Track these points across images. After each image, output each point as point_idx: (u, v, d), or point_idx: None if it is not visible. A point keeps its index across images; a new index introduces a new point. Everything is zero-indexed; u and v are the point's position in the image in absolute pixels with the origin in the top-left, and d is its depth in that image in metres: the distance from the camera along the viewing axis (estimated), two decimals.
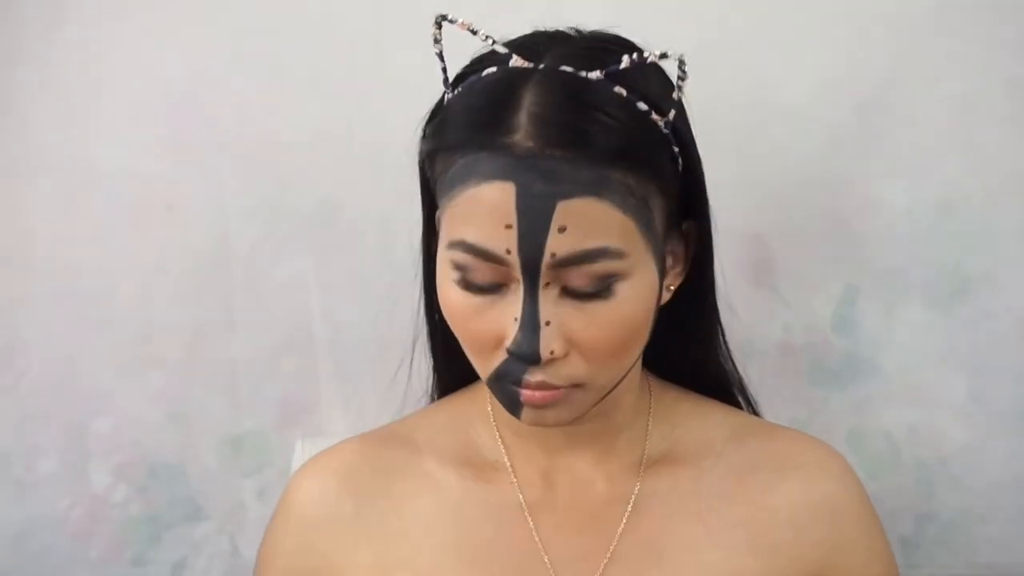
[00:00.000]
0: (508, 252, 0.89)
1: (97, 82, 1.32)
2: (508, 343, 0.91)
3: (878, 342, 1.32)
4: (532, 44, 0.95)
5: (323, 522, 1.04)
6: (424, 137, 0.97)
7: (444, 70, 0.96)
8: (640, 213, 0.91)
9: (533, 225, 0.88)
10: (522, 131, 0.89)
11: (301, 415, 1.35)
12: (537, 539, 1.01)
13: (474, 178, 0.89)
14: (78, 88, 1.31)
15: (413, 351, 1.11)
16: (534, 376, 0.91)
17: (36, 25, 1.31)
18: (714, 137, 1.28)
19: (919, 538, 1.33)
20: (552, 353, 0.90)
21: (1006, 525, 1.32)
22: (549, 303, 0.90)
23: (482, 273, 0.91)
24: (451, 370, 1.08)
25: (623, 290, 0.91)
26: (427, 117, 0.98)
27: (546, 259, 0.88)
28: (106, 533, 1.36)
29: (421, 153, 0.98)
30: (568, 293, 0.91)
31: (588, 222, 0.89)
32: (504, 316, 0.91)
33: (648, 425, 1.05)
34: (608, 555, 1.00)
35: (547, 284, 0.90)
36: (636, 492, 1.02)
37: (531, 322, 0.90)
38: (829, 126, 1.29)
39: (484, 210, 0.89)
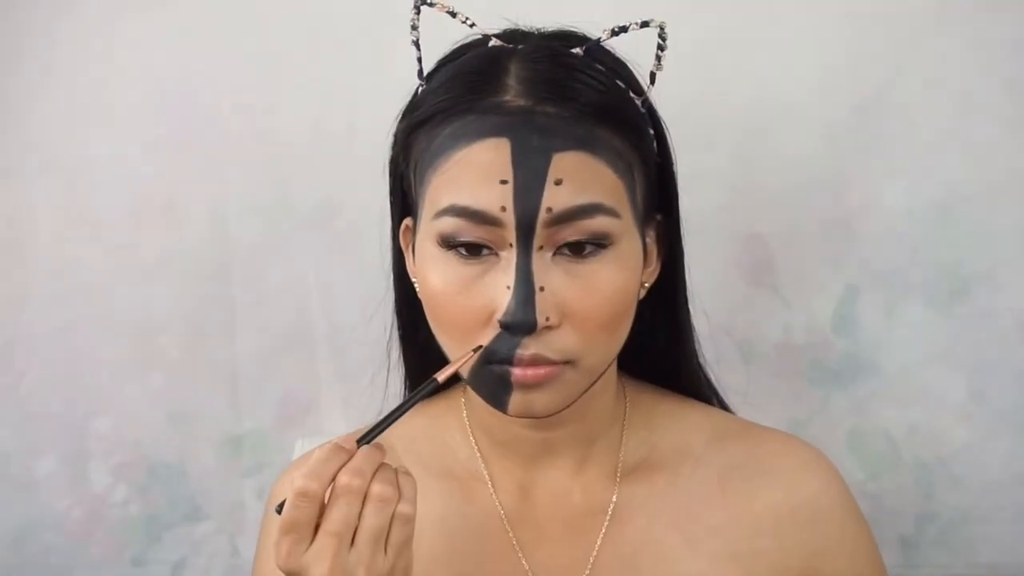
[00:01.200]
0: (503, 210, 0.88)
1: (97, 82, 1.32)
2: (500, 315, 0.88)
3: (878, 342, 1.32)
4: (508, 34, 0.96)
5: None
6: (400, 120, 0.96)
7: (419, 60, 0.96)
8: (627, 178, 0.92)
9: (529, 179, 0.87)
10: (512, 91, 0.90)
11: (301, 415, 1.35)
12: (519, 551, 1.00)
13: (464, 140, 0.89)
14: (78, 88, 1.32)
15: (389, 357, 1.10)
16: (527, 349, 0.89)
17: (36, 25, 1.31)
18: (714, 137, 1.28)
19: (919, 538, 1.33)
20: (547, 320, 0.88)
21: (1006, 525, 1.32)
22: (542, 268, 0.89)
23: (473, 237, 0.89)
24: (425, 377, 1.07)
25: (614, 257, 0.90)
26: (399, 115, 0.97)
27: (542, 214, 0.87)
28: (106, 533, 1.36)
29: (395, 144, 0.97)
30: (562, 255, 0.89)
31: (583, 176, 0.88)
32: (495, 287, 0.89)
33: (623, 432, 1.03)
34: (589, 567, 0.99)
35: (540, 247, 0.89)
36: (614, 502, 1.01)
37: (525, 288, 0.88)
38: (829, 126, 1.29)
39: (477, 169, 0.88)
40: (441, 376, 0.91)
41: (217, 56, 1.32)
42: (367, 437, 0.88)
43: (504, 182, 0.87)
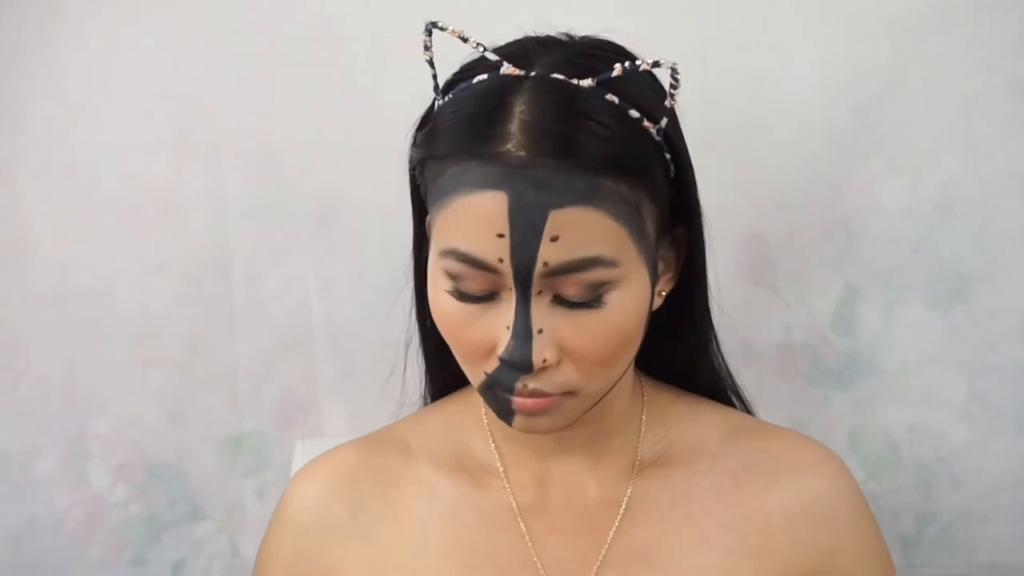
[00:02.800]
0: (500, 261, 0.88)
1: (97, 82, 1.32)
2: (500, 351, 0.90)
3: (878, 342, 1.32)
4: (522, 51, 0.94)
5: (320, 528, 1.04)
6: (414, 145, 0.96)
7: (434, 77, 0.95)
8: (632, 221, 0.91)
9: (525, 234, 0.87)
10: (514, 140, 0.88)
11: (301, 415, 1.35)
12: (529, 543, 1.01)
13: (464, 187, 0.89)
14: (78, 88, 1.32)
15: (406, 355, 1.10)
16: (526, 384, 0.91)
17: (35, 24, 1.31)
18: (714, 137, 1.28)
19: (919, 538, 1.33)
20: (544, 361, 0.90)
21: (1006, 525, 1.32)
22: (541, 311, 0.90)
23: (475, 282, 0.90)
24: (444, 373, 1.08)
25: (615, 299, 0.91)
26: (417, 123, 0.97)
27: (538, 268, 0.88)
28: (106, 533, 1.36)
29: (412, 160, 0.97)
30: (560, 301, 0.90)
31: (580, 231, 0.88)
32: (496, 324, 0.91)
33: (641, 428, 1.04)
34: (600, 559, 1.00)
35: (539, 292, 0.90)
36: (628, 495, 1.02)
37: (523, 330, 0.89)
38: (829, 126, 1.29)
39: (475, 219, 0.89)
40: None
41: (217, 57, 1.32)
42: None
43: (501, 236, 0.88)
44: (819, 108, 1.29)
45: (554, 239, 0.88)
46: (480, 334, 0.92)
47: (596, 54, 0.94)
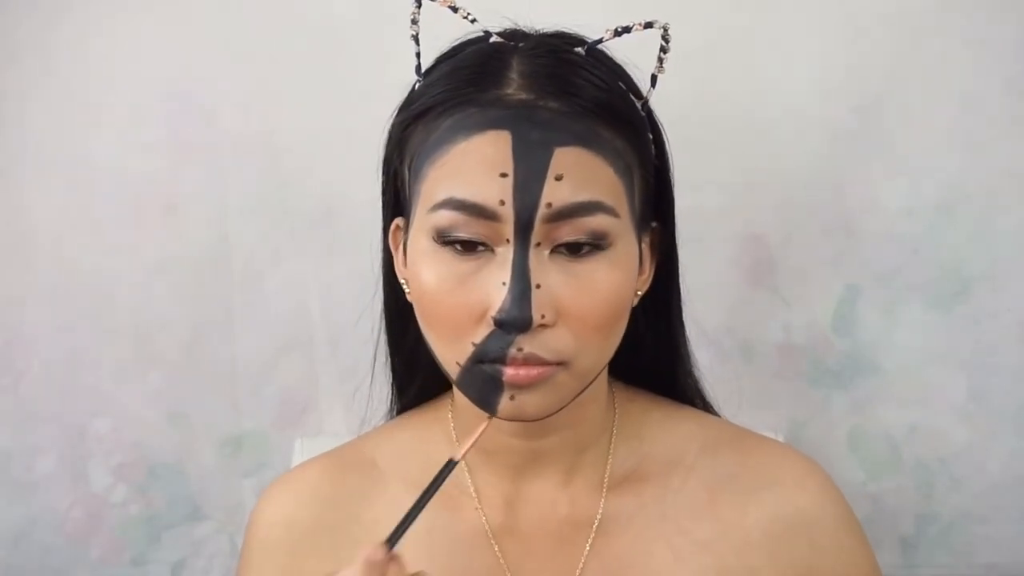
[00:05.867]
0: (502, 203, 0.86)
1: (97, 81, 1.32)
2: (494, 311, 0.87)
3: (878, 342, 1.32)
4: (509, 33, 0.95)
5: (304, 546, 1.01)
6: (397, 114, 0.95)
7: (418, 55, 0.95)
8: (627, 179, 0.91)
9: (530, 172, 0.86)
10: (514, 84, 0.89)
11: (300, 415, 1.35)
12: (505, 566, 0.98)
13: (463, 133, 0.88)
14: (78, 88, 1.32)
15: (375, 363, 1.09)
16: (520, 348, 0.87)
17: (35, 24, 1.31)
18: (714, 137, 1.28)
19: (919, 538, 1.33)
20: (543, 318, 0.86)
21: (1006, 525, 1.32)
22: (539, 265, 0.87)
23: (469, 233, 0.88)
24: (412, 383, 1.06)
25: (611, 257, 0.89)
26: (394, 112, 0.97)
27: (541, 210, 0.86)
28: (106, 533, 1.36)
29: (389, 140, 0.96)
30: (558, 254, 0.88)
31: (583, 173, 0.87)
32: (489, 284, 0.87)
33: (612, 442, 1.01)
34: None
35: (538, 244, 0.87)
36: (601, 514, 0.99)
37: (521, 284, 0.86)
38: (829, 127, 1.30)
39: (476, 161, 0.87)
40: (460, 455, 0.89)
41: (217, 56, 1.32)
42: (393, 538, 0.86)
43: (504, 175, 0.86)
44: (819, 108, 1.29)
45: (558, 178, 0.86)
46: (471, 296, 0.88)
47: (577, 37, 0.95)
